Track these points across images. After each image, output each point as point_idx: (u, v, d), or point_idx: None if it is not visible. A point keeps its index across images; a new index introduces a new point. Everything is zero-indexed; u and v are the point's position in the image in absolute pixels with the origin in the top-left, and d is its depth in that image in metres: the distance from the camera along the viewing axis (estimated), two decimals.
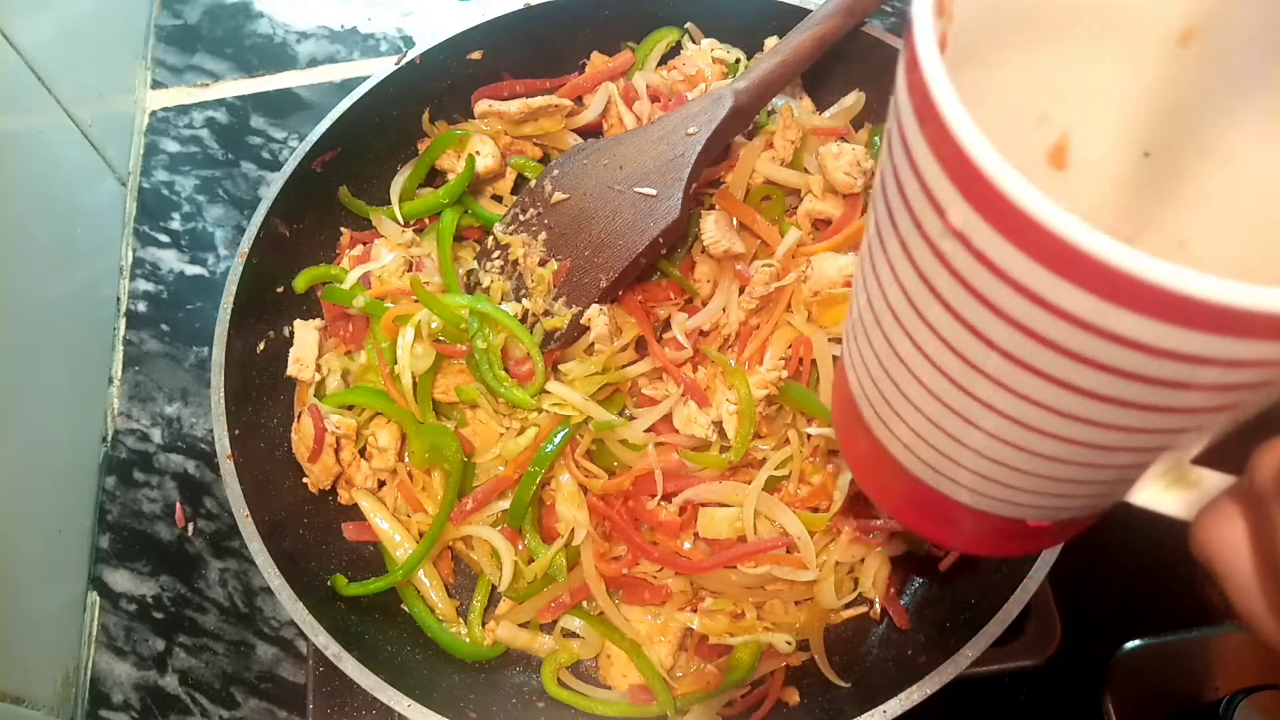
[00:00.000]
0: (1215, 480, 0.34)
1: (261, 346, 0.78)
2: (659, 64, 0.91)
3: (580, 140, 0.87)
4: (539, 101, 0.85)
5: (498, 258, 0.81)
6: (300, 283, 0.82)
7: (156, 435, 0.88)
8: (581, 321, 0.75)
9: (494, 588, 0.74)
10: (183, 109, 1.05)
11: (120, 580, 0.82)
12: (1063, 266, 0.23)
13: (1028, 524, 0.38)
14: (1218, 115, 0.38)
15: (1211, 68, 0.36)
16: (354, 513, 0.78)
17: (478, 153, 0.84)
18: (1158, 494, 0.35)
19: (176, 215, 0.99)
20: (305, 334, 0.80)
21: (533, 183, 0.81)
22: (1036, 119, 0.41)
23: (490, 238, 0.82)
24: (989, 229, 0.24)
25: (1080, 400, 0.27)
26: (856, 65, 0.85)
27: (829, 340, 0.75)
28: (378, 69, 0.83)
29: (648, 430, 0.74)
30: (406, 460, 0.77)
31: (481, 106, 0.87)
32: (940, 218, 0.26)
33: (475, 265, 0.82)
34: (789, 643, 0.69)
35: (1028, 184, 0.22)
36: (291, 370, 0.79)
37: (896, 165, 0.28)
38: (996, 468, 0.34)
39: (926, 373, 0.33)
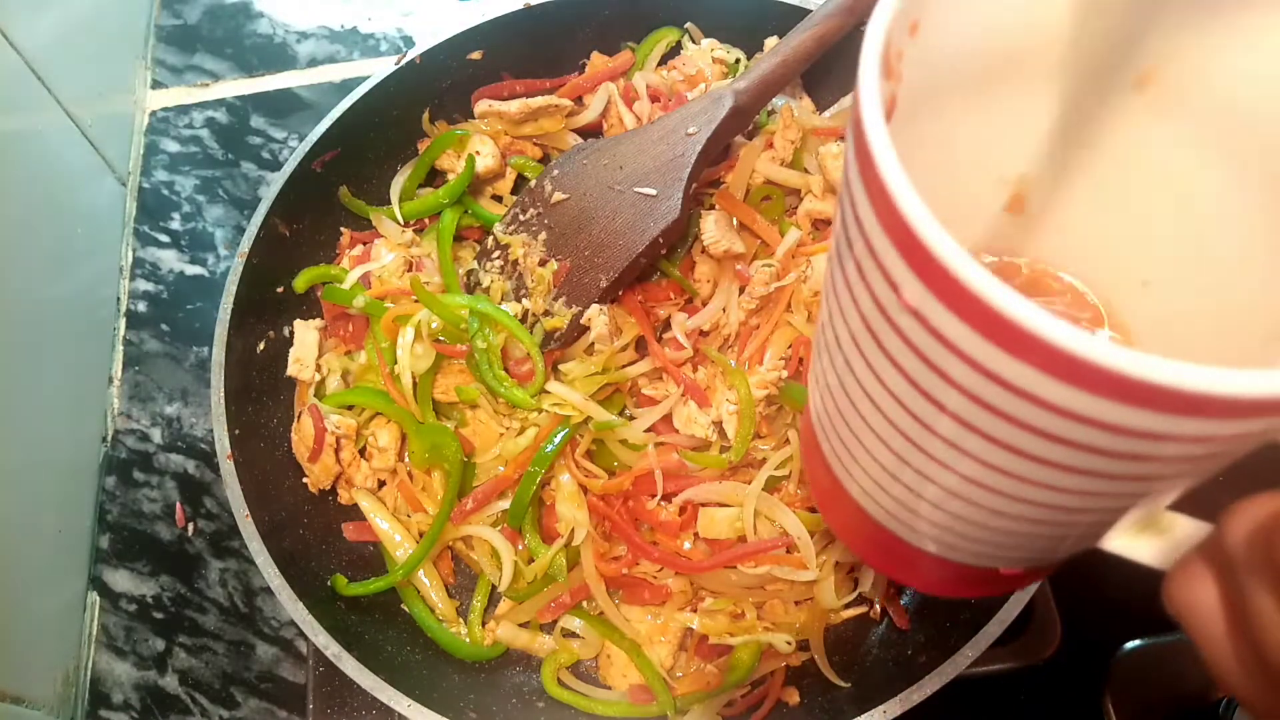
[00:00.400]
0: (1187, 528, 0.34)
1: (261, 346, 0.79)
2: (659, 64, 0.91)
3: (580, 140, 0.87)
4: (539, 101, 0.85)
5: (498, 258, 0.81)
6: (300, 283, 0.82)
7: (156, 435, 0.88)
8: (581, 321, 0.75)
9: (494, 588, 0.74)
10: (183, 109, 1.05)
11: (120, 580, 0.82)
12: (1013, 345, 0.23)
13: (999, 571, 0.38)
14: (1176, 156, 0.38)
15: (1169, 110, 0.37)
16: (354, 513, 0.78)
17: (478, 153, 0.84)
18: (1129, 542, 0.35)
19: (176, 215, 0.99)
20: (305, 334, 0.80)
21: (533, 183, 0.81)
22: (993, 166, 0.41)
23: (490, 238, 0.82)
24: (942, 308, 0.24)
25: (1035, 466, 0.27)
26: (856, 65, 0.85)
27: None
28: (378, 69, 0.83)
29: (648, 430, 0.74)
30: (406, 460, 0.77)
31: (481, 106, 0.87)
32: (895, 294, 0.26)
33: (475, 265, 0.82)
34: (789, 643, 0.69)
35: (978, 266, 0.23)
36: (291, 370, 0.79)
37: (850, 235, 0.29)
38: (956, 521, 0.35)
39: (883, 428, 0.33)
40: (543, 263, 0.78)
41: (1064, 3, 0.33)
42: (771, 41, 0.86)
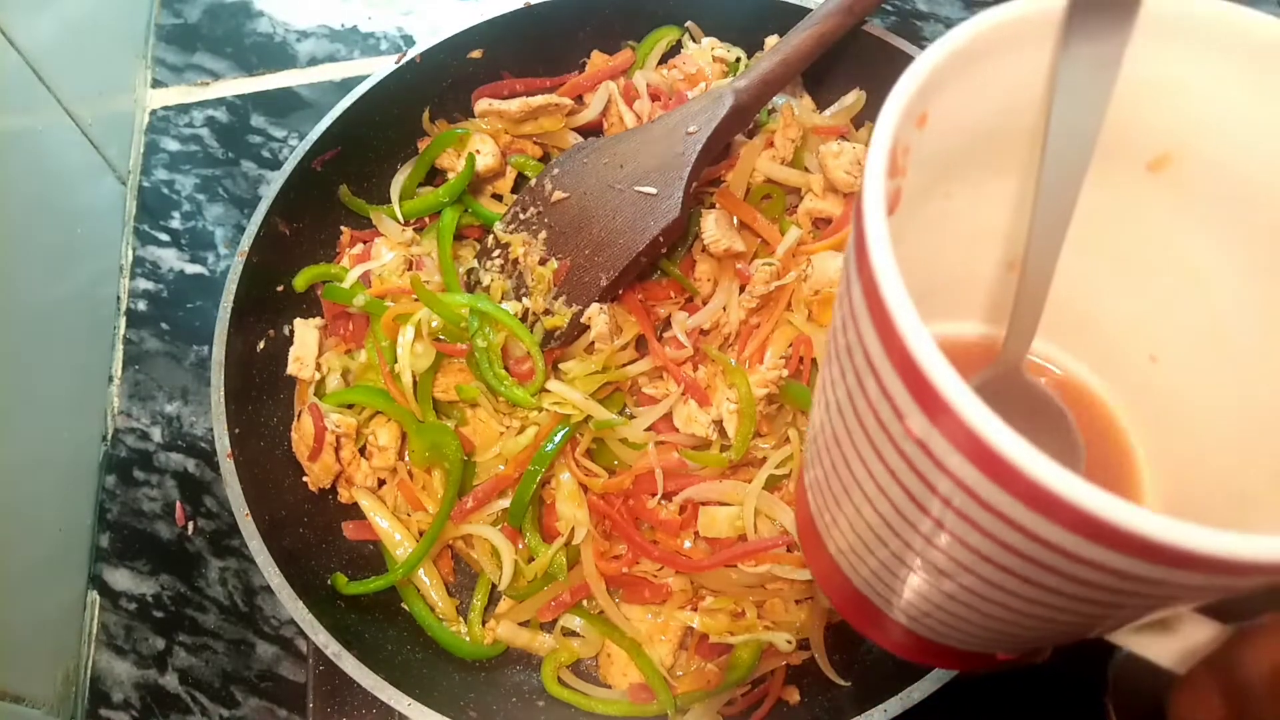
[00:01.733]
0: (1198, 629, 0.33)
1: (261, 345, 0.78)
2: (659, 63, 0.91)
3: (581, 139, 0.87)
4: (539, 100, 0.85)
5: (498, 256, 0.81)
6: (300, 281, 0.82)
7: (156, 434, 0.88)
8: (582, 320, 0.75)
9: (494, 586, 0.74)
10: (183, 108, 1.05)
11: (120, 579, 0.82)
12: (1014, 488, 0.24)
13: (995, 656, 0.39)
14: (1190, 236, 0.39)
15: (1185, 192, 0.37)
16: (354, 511, 0.78)
17: (478, 151, 0.84)
18: (1136, 638, 0.34)
19: (177, 214, 0.99)
20: (305, 333, 0.80)
21: (533, 181, 0.81)
22: (1001, 241, 0.42)
23: (490, 236, 0.82)
24: (946, 443, 0.25)
25: (1018, 583, 0.28)
26: (857, 64, 0.85)
27: None
28: (378, 68, 0.83)
29: (648, 429, 0.74)
30: (406, 459, 0.77)
31: (482, 105, 0.87)
32: (899, 420, 0.27)
33: (475, 264, 0.82)
34: (789, 641, 0.69)
35: (984, 409, 0.23)
36: (291, 369, 0.79)
37: (852, 348, 0.29)
38: (933, 606, 0.35)
39: (867, 512, 0.34)
40: (543, 261, 0.78)
41: (1076, 89, 0.33)
42: (772, 40, 0.86)
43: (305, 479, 0.76)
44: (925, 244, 0.39)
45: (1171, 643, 0.34)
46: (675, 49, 0.91)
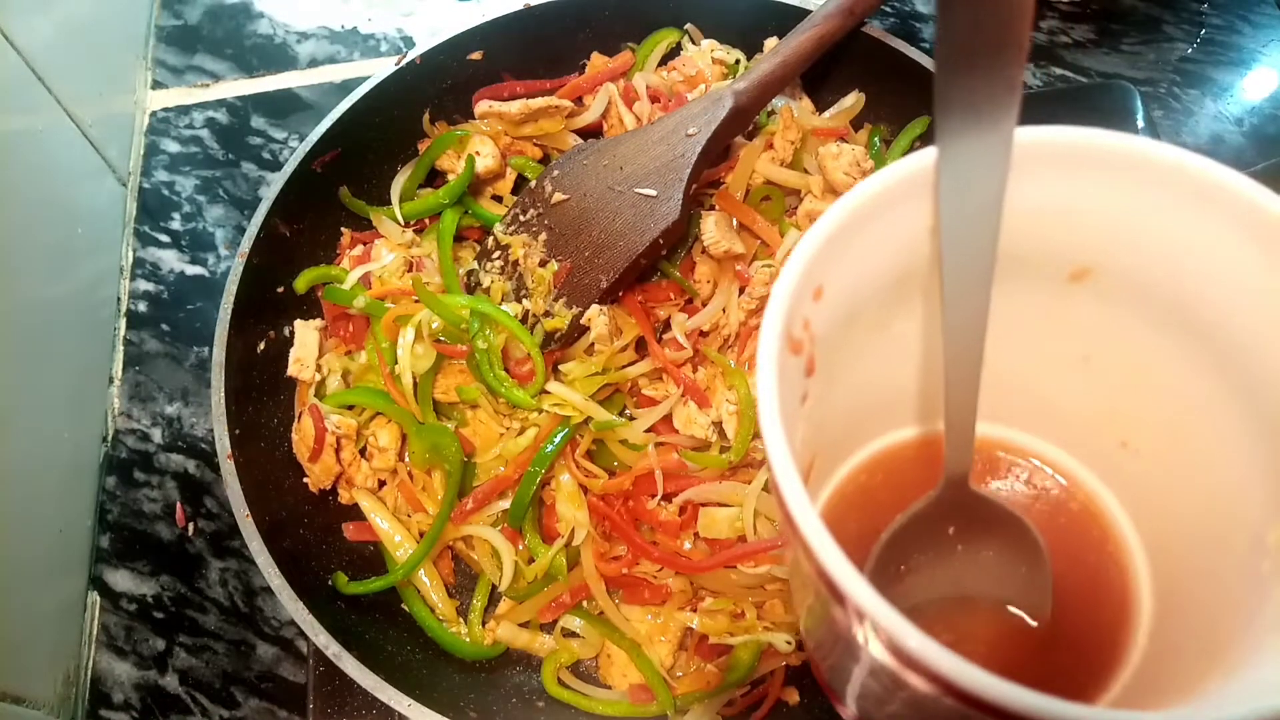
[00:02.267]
0: None
1: (262, 346, 0.79)
2: (659, 65, 0.91)
3: (580, 141, 0.87)
4: (539, 102, 0.85)
5: (498, 258, 0.81)
6: (301, 283, 0.82)
7: (157, 435, 0.88)
8: (582, 322, 0.75)
9: (494, 587, 0.74)
10: (183, 109, 1.05)
11: (121, 580, 0.82)
12: (923, 674, 0.27)
13: None
14: (1130, 333, 0.40)
15: (1113, 295, 0.39)
16: (354, 512, 0.78)
17: (478, 153, 0.84)
18: None
19: (177, 215, 0.99)
20: (306, 334, 0.80)
21: (533, 183, 0.82)
22: (931, 354, 0.43)
23: (490, 238, 0.82)
24: (872, 636, 0.28)
25: None
26: (856, 65, 0.85)
27: None
28: (378, 69, 0.83)
29: (648, 430, 0.74)
30: (407, 460, 0.77)
31: (482, 107, 0.87)
32: (828, 601, 0.29)
33: (475, 265, 0.83)
34: (789, 642, 0.69)
35: (915, 630, 0.26)
36: (292, 370, 0.79)
37: (786, 534, 0.32)
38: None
39: (820, 631, 0.36)
40: (543, 263, 0.78)
41: (977, 225, 0.35)
42: (771, 42, 0.86)
43: (305, 480, 0.76)
44: (859, 374, 0.42)
45: None
46: (675, 51, 0.91)
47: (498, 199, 0.88)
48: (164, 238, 0.97)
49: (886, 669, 0.29)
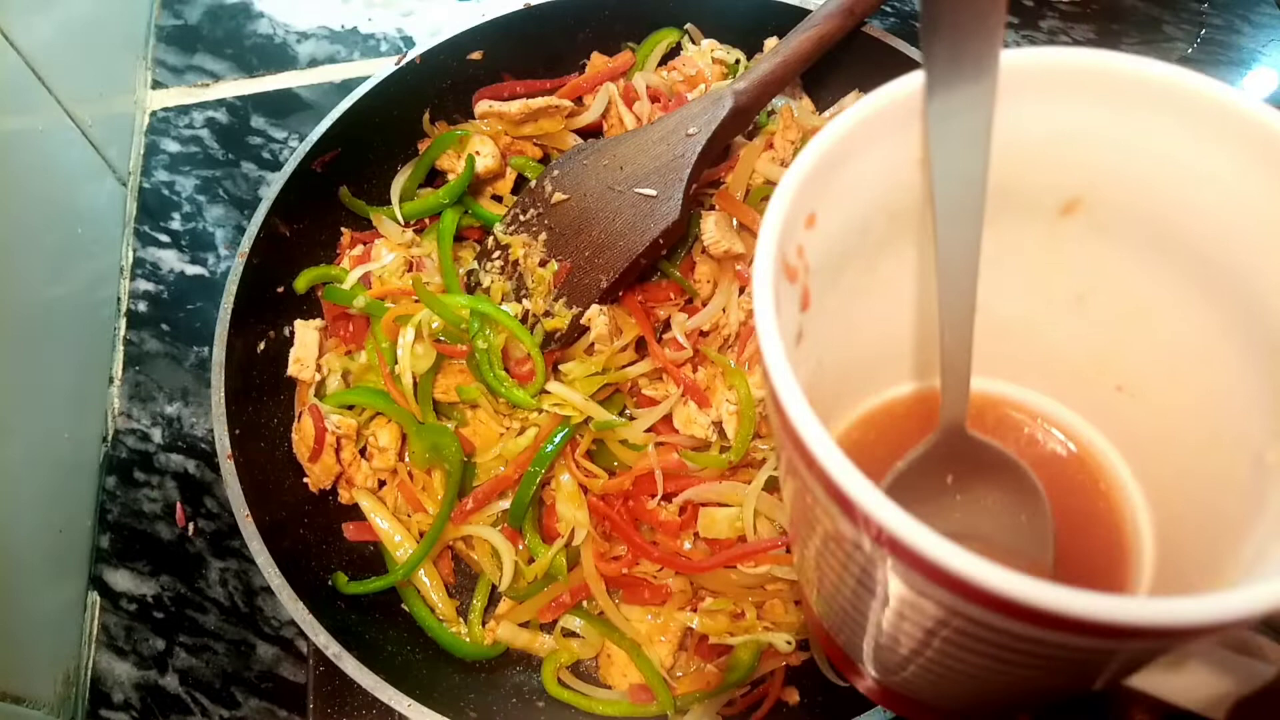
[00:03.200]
0: (1214, 670, 0.33)
1: (262, 346, 0.79)
2: (659, 65, 0.91)
3: (580, 141, 0.87)
4: (539, 102, 0.85)
5: (498, 258, 0.81)
6: (301, 283, 0.82)
7: (157, 435, 0.88)
8: (582, 322, 0.75)
9: (494, 587, 0.74)
10: (183, 109, 1.05)
11: (121, 580, 0.82)
12: (962, 591, 0.26)
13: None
14: (1125, 269, 0.40)
15: (1106, 229, 0.39)
16: (354, 512, 0.78)
17: (478, 153, 0.84)
18: (1147, 680, 0.34)
19: (177, 215, 0.99)
20: (306, 334, 0.80)
21: (533, 183, 0.82)
22: (927, 301, 0.43)
23: (490, 238, 0.82)
24: (880, 549, 0.27)
25: (958, 650, 0.30)
26: (856, 65, 0.85)
27: None
28: (378, 69, 0.83)
29: (648, 430, 0.74)
30: (407, 460, 0.77)
31: (482, 107, 0.87)
32: (835, 526, 0.29)
33: (475, 265, 0.82)
34: (789, 642, 0.69)
35: (903, 514, 0.25)
36: (292, 370, 0.79)
37: (791, 467, 0.31)
38: (899, 658, 0.36)
39: (826, 577, 0.35)
40: (543, 263, 0.78)
41: (950, 158, 0.34)
42: (771, 42, 0.86)
43: (305, 480, 0.76)
44: (855, 318, 0.41)
45: (1185, 685, 0.34)
46: (675, 51, 0.91)
47: (498, 199, 0.88)
48: (164, 238, 0.97)
49: (905, 594, 0.28)
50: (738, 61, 0.89)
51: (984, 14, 0.31)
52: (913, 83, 0.34)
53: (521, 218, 0.81)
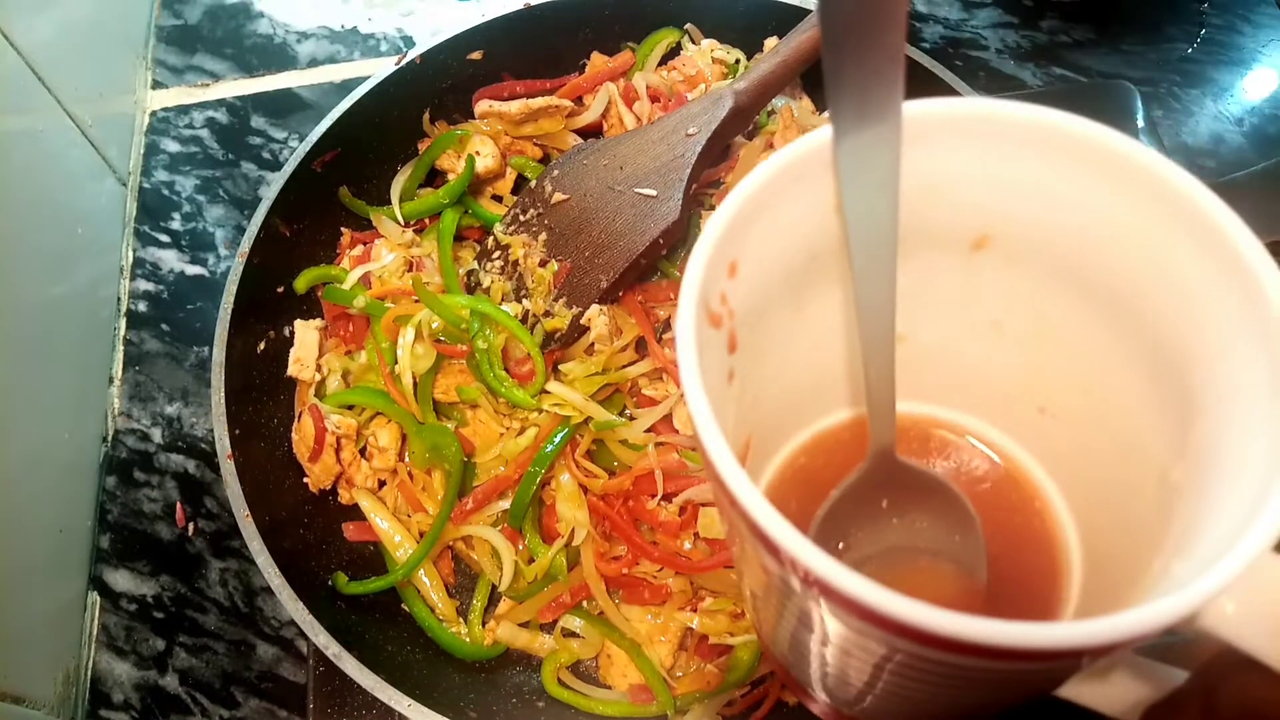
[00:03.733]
0: (1125, 676, 0.35)
1: (262, 346, 0.79)
2: (659, 64, 0.91)
3: (580, 141, 0.87)
4: (539, 102, 0.85)
5: (498, 258, 0.81)
6: (301, 283, 0.82)
7: (157, 435, 0.88)
8: (582, 322, 0.75)
9: (494, 587, 0.74)
10: (183, 109, 1.05)
11: (120, 580, 0.82)
12: (879, 625, 0.27)
13: None
14: (1037, 297, 0.42)
15: (1015, 262, 0.41)
16: (354, 512, 0.78)
17: (478, 153, 0.84)
18: (1074, 688, 0.36)
19: (177, 215, 0.99)
20: (306, 334, 0.80)
21: (533, 183, 0.82)
22: (852, 335, 0.44)
23: (490, 238, 0.82)
24: (823, 600, 0.28)
25: (898, 679, 0.31)
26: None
27: None
28: (378, 69, 0.83)
29: (648, 430, 0.74)
30: (407, 460, 0.77)
31: (482, 107, 0.87)
32: (762, 559, 0.30)
33: (475, 265, 0.82)
34: None
35: (847, 571, 0.27)
36: (292, 370, 0.79)
37: (718, 499, 0.32)
38: (842, 689, 0.38)
39: (769, 609, 0.37)
40: (543, 263, 0.78)
41: (861, 202, 0.36)
42: (771, 42, 0.86)
43: (306, 480, 0.76)
44: (786, 354, 0.43)
45: (1110, 694, 0.36)
46: (675, 51, 0.91)
47: (498, 199, 0.88)
48: (164, 238, 0.97)
49: (842, 631, 0.30)
50: (738, 61, 0.89)
51: (883, 68, 0.33)
52: (823, 136, 0.36)
53: (521, 218, 0.81)
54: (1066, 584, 0.44)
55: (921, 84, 0.79)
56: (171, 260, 0.96)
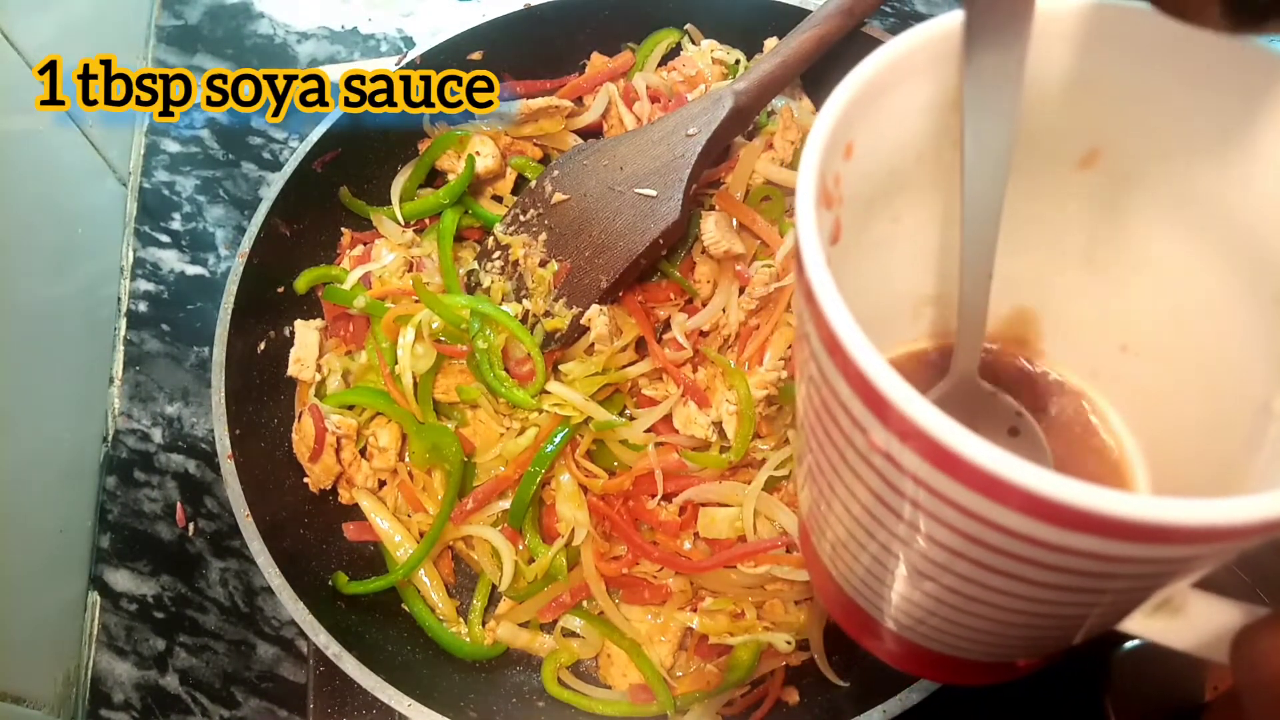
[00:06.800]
0: (1204, 608, 0.33)
1: (262, 346, 0.79)
2: (659, 65, 0.91)
3: (580, 141, 0.87)
4: (539, 102, 0.85)
5: (498, 258, 0.81)
6: (301, 283, 0.82)
7: (157, 435, 0.88)
8: (582, 322, 0.75)
9: (494, 587, 0.74)
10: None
11: (121, 580, 0.83)
12: (979, 486, 0.25)
13: (1016, 663, 0.39)
14: (1138, 226, 0.40)
15: (1120, 185, 0.38)
16: (354, 512, 0.78)
17: (478, 153, 0.84)
18: (1143, 624, 0.35)
19: (177, 215, 0.99)
20: (306, 334, 0.80)
21: (533, 183, 0.82)
22: (948, 254, 0.43)
23: (490, 238, 0.82)
24: (909, 451, 0.26)
25: (993, 577, 0.29)
26: (856, 66, 0.85)
27: None
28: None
29: (648, 430, 0.74)
30: (407, 460, 0.77)
31: None
32: (864, 436, 0.28)
33: (476, 265, 0.83)
34: (789, 642, 0.69)
35: (940, 415, 0.24)
36: (292, 370, 0.79)
37: (813, 372, 0.30)
38: (920, 610, 0.36)
39: (850, 523, 0.34)
40: (543, 263, 0.78)
41: (982, 101, 0.34)
42: (771, 42, 0.86)
43: (306, 480, 0.76)
44: (875, 269, 0.41)
45: (1179, 625, 0.34)
46: (675, 51, 0.91)
47: (498, 199, 0.88)
48: (164, 238, 0.98)
49: (929, 504, 0.27)
50: (738, 61, 0.89)
51: None
52: (950, 21, 0.34)
53: (521, 218, 0.81)
54: None
55: None
56: (172, 260, 0.96)
